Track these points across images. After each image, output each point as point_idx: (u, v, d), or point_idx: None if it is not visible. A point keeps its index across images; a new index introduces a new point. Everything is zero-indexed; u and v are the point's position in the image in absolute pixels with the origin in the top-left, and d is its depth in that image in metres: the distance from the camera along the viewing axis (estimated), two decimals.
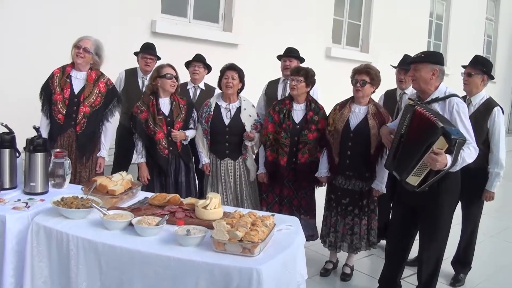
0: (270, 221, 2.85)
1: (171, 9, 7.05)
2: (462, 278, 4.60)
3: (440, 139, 3.22)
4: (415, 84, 3.65)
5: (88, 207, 2.98)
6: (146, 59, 5.24)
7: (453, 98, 3.54)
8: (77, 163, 4.29)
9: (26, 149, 3.38)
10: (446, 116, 3.49)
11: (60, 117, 4.21)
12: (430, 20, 12.48)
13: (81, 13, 5.79)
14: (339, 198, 4.34)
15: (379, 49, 10.07)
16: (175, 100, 4.48)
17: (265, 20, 7.99)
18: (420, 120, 3.40)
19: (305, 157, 4.42)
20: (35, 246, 2.84)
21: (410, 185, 3.45)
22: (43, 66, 4.33)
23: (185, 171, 4.55)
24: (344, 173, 4.27)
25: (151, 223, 2.79)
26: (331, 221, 4.40)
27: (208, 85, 5.37)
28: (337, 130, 4.26)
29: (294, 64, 5.18)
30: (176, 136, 4.40)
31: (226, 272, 2.42)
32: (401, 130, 3.56)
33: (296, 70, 4.48)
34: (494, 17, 15.41)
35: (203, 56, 5.36)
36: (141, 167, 4.43)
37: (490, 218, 7.09)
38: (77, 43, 4.21)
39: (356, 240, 4.35)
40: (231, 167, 4.57)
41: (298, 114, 4.49)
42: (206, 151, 4.60)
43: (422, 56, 3.65)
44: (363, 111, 4.24)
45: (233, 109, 4.58)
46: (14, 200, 3.19)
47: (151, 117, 4.36)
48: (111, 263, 2.64)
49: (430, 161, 3.25)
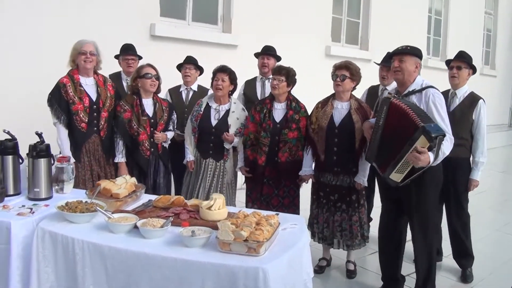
0: (275, 220, 2.85)
1: (170, 12, 7.07)
2: (470, 273, 4.61)
3: (421, 138, 3.29)
4: (399, 75, 3.74)
5: (93, 211, 2.98)
6: (127, 60, 5.21)
7: (429, 89, 3.65)
8: (105, 166, 4.39)
9: (29, 155, 3.38)
10: (422, 107, 3.59)
11: (83, 125, 4.24)
12: (429, 15, 12.50)
13: (80, 18, 5.81)
14: (328, 194, 4.35)
15: (379, 46, 10.05)
16: (157, 101, 4.51)
17: (264, 20, 8.00)
18: (396, 112, 3.50)
19: (285, 156, 4.41)
20: (40, 251, 2.84)
21: (393, 181, 3.53)
22: (45, 73, 4.35)
23: (163, 172, 4.59)
24: (332, 170, 4.29)
25: (156, 225, 2.80)
26: (323, 217, 4.40)
27: (202, 87, 5.37)
28: (321, 127, 4.27)
29: (272, 62, 5.25)
30: (159, 138, 4.45)
31: (232, 272, 2.42)
32: (379, 122, 3.66)
33: (278, 69, 4.46)
34: (493, 11, 15.41)
35: (194, 58, 5.35)
36: (121, 166, 4.46)
37: (494, 212, 7.11)
38: (80, 49, 4.19)
39: (345, 237, 4.35)
40: (212, 167, 4.62)
41: (278, 113, 4.50)
42: (192, 149, 4.69)
43: (409, 48, 3.76)
44: (346, 107, 4.27)
45: (222, 111, 4.61)
46: (19, 206, 3.19)
47: (135, 117, 4.39)
48: (117, 266, 2.65)
49: (414, 159, 3.34)
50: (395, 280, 4.13)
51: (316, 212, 4.48)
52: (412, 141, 3.31)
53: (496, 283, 4.55)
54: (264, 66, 5.29)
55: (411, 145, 3.32)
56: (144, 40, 6.38)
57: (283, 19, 8.31)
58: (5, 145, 3.39)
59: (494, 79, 15.03)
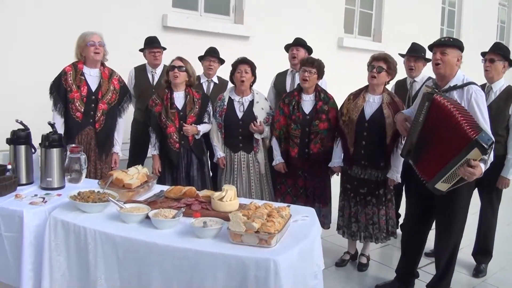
0: (286, 212, 2.85)
1: (182, 3, 7.07)
2: (484, 268, 4.56)
3: (474, 151, 3.13)
4: (440, 69, 3.54)
5: (105, 201, 3.00)
6: (153, 53, 5.23)
7: (472, 86, 3.47)
8: (97, 160, 4.31)
9: (41, 145, 3.41)
10: (463, 104, 3.42)
11: (78, 115, 4.19)
12: (442, 7, 12.38)
13: (93, 10, 5.82)
14: (356, 187, 4.32)
15: (392, 38, 10.00)
16: (189, 93, 4.48)
17: (276, 11, 7.97)
18: (440, 110, 3.33)
19: (317, 147, 4.41)
20: (53, 240, 2.86)
21: (439, 190, 3.39)
22: (57, 64, 4.34)
23: (197, 165, 4.55)
24: (359, 163, 4.25)
25: (168, 216, 2.80)
26: (352, 211, 4.38)
27: (221, 79, 5.37)
28: (351, 120, 4.22)
29: (302, 54, 5.18)
30: (188, 131, 4.40)
31: (244, 263, 2.42)
32: (419, 118, 3.49)
33: (310, 61, 4.43)
34: (507, 2, 15.24)
35: (217, 50, 5.35)
36: (154, 159, 4.51)
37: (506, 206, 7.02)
38: (89, 41, 4.15)
39: (376, 230, 4.33)
40: (244, 160, 4.60)
41: (307, 105, 4.47)
42: (221, 145, 4.63)
43: (451, 40, 3.59)
44: (378, 101, 4.21)
45: (246, 103, 4.60)
46: (31, 195, 3.22)
47: (164, 110, 4.38)
48: (129, 256, 2.66)
49: (468, 174, 3.19)
50: (410, 274, 4.09)
51: (342, 205, 4.46)
52: (465, 154, 3.16)
53: (508, 277, 4.52)
54: (294, 57, 5.21)
55: (462, 157, 3.18)
56: (156, 31, 6.36)
57: (296, 10, 8.27)
58: (18, 135, 3.42)
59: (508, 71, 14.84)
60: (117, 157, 4.49)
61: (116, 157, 4.47)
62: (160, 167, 4.47)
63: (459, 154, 3.18)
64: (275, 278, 2.36)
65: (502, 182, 4.34)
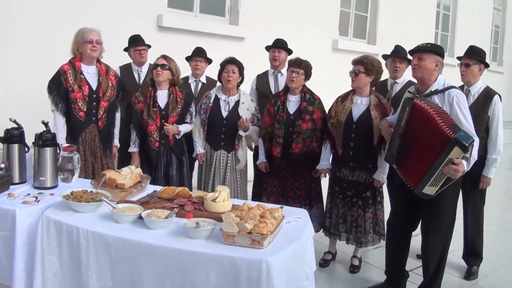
0: (279, 213, 2.86)
1: (177, 3, 7.06)
2: (475, 271, 4.59)
3: (455, 149, 3.20)
4: (417, 73, 3.64)
5: (98, 200, 3.00)
6: (139, 51, 5.21)
7: (453, 90, 3.55)
8: (102, 156, 4.37)
9: (35, 144, 3.40)
10: (445, 108, 3.50)
11: (81, 114, 4.20)
12: (437, 10, 12.42)
13: (87, 9, 5.81)
14: (344, 189, 4.35)
15: (387, 40, 10.00)
16: (173, 93, 4.49)
17: (272, 13, 7.98)
18: (421, 114, 3.41)
19: (299, 147, 4.42)
20: (45, 239, 2.86)
21: (427, 194, 3.43)
22: (51, 63, 4.33)
23: (176, 164, 4.57)
24: (348, 165, 4.28)
25: (161, 216, 2.81)
26: (340, 212, 4.40)
27: (210, 78, 5.36)
28: (339, 122, 4.26)
29: (283, 56, 5.22)
30: (169, 130, 4.42)
31: (236, 264, 2.43)
32: (400, 123, 3.57)
33: (298, 62, 4.44)
34: (502, 6, 15.32)
35: (203, 50, 5.34)
36: (133, 156, 4.52)
37: (498, 209, 7.09)
38: (87, 38, 4.14)
39: (360, 234, 4.35)
40: (224, 158, 4.63)
41: (292, 105, 4.51)
42: (202, 141, 4.68)
43: (429, 46, 3.67)
44: (365, 103, 4.25)
45: (231, 102, 4.62)
46: (24, 194, 3.21)
47: (146, 108, 4.40)
48: (121, 256, 2.66)
49: (452, 172, 3.25)
50: (399, 275, 4.12)
51: (329, 206, 4.48)
52: (446, 154, 3.23)
53: (500, 280, 4.54)
54: (275, 59, 5.25)
55: (445, 158, 3.24)
56: (151, 31, 6.37)
57: (291, 11, 8.28)
58: (11, 133, 3.41)
59: (501, 75, 14.95)
60: (116, 149, 4.55)
61: (115, 150, 4.54)
62: (138, 165, 4.44)
63: (441, 155, 3.25)
64: (267, 279, 2.37)
65: (483, 181, 4.43)
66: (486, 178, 4.42)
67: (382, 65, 4.37)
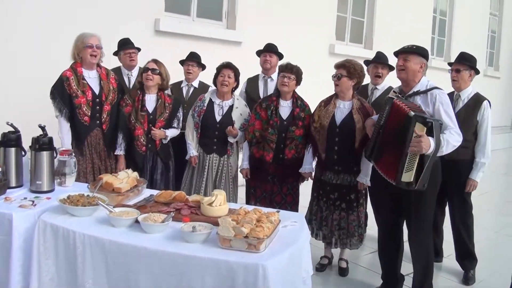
0: (275, 217, 2.86)
1: (174, 8, 7.08)
2: (472, 275, 4.59)
3: (417, 125, 3.32)
4: (402, 74, 3.71)
5: (94, 204, 2.99)
6: (129, 54, 5.21)
7: (435, 90, 3.64)
8: (107, 159, 4.41)
9: (32, 148, 3.40)
10: (429, 108, 3.60)
11: (86, 119, 4.25)
12: (434, 16, 12.47)
13: (85, 14, 5.83)
14: (328, 193, 4.35)
15: (383, 45, 10.03)
16: (161, 98, 4.50)
17: (269, 17, 8.00)
18: (396, 112, 3.53)
19: (291, 153, 4.44)
20: (41, 243, 2.85)
21: (407, 183, 3.47)
22: (48, 66, 4.36)
23: (162, 169, 4.57)
24: (332, 168, 4.29)
25: (157, 220, 2.81)
26: (323, 215, 4.40)
27: (203, 83, 5.35)
28: (322, 126, 4.28)
29: (274, 60, 5.26)
30: (156, 135, 4.43)
31: (232, 268, 2.43)
32: (380, 122, 3.68)
33: (289, 67, 4.45)
34: (498, 12, 15.37)
35: (197, 55, 5.34)
36: (119, 159, 4.51)
37: (494, 213, 7.11)
38: (87, 43, 4.17)
39: (343, 235, 4.36)
40: (216, 162, 4.64)
41: (284, 111, 4.51)
42: (195, 144, 4.67)
43: (414, 48, 3.74)
44: (348, 106, 4.28)
45: (225, 107, 4.63)
46: (21, 198, 3.21)
47: (133, 112, 4.41)
48: (118, 260, 2.66)
49: (416, 145, 3.32)
50: (394, 279, 4.13)
51: (315, 210, 4.48)
52: (409, 131, 3.34)
53: (496, 284, 4.54)
54: (266, 63, 5.28)
55: (409, 136, 3.34)
56: (148, 36, 6.39)
57: (288, 16, 8.31)
58: (8, 137, 3.41)
59: (498, 80, 14.99)
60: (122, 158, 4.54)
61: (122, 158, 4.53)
62: (124, 168, 4.43)
63: (407, 135, 3.35)
64: (263, 283, 2.37)
65: (470, 184, 4.46)
66: (474, 182, 4.45)
67: (364, 69, 4.41)
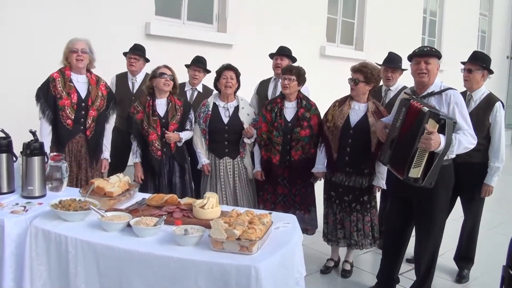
0: (267, 219, 2.86)
1: (165, 11, 7.07)
2: (466, 274, 4.60)
3: (430, 121, 3.29)
4: (425, 78, 3.64)
5: (86, 209, 2.99)
6: (130, 58, 5.23)
7: (450, 91, 3.60)
8: (87, 168, 4.31)
9: (23, 153, 3.38)
10: (444, 108, 3.54)
11: (69, 122, 4.17)
12: (424, 16, 12.51)
13: (75, 17, 5.80)
14: (341, 195, 4.33)
15: (374, 46, 10.09)
16: (171, 101, 4.48)
17: (259, 20, 8.01)
18: (413, 112, 3.46)
19: (298, 154, 4.44)
20: (33, 249, 2.84)
21: (414, 179, 3.43)
22: (39, 71, 4.32)
23: (179, 172, 4.55)
24: (343, 170, 4.28)
25: (149, 224, 2.80)
26: (337, 218, 4.38)
27: (206, 87, 5.36)
28: (336, 126, 4.26)
29: (286, 63, 5.21)
30: (170, 138, 4.40)
31: (225, 270, 2.43)
32: (396, 124, 3.61)
33: (288, 69, 4.49)
34: (488, 12, 15.45)
35: (203, 59, 5.34)
36: (136, 167, 4.49)
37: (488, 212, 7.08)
38: (72, 48, 4.15)
39: (360, 237, 4.35)
40: (230, 166, 4.59)
41: (289, 112, 4.51)
42: (205, 151, 4.61)
43: (434, 51, 3.71)
44: (363, 109, 4.26)
45: (231, 108, 4.60)
46: (12, 204, 3.19)
47: (146, 118, 4.39)
48: (110, 264, 2.65)
49: (425, 141, 3.29)
50: (390, 279, 4.13)
51: (326, 212, 4.48)
52: (420, 126, 3.31)
53: (489, 282, 4.55)
54: (278, 67, 5.23)
55: (420, 131, 3.31)
56: (139, 39, 6.36)
57: (278, 18, 8.31)
58: None
59: (488, 80, 14.96)
60: (107, 162, 4.48)
61: (106, 163, 4.47)
62: (142, 175, 4.46)
63: (418, 131, 3.34)
64: (256, 285, 2.38)
65: (485, 190, 4.36)
66: (489, 187, 4.34)
67: (381, 73, 4.38)
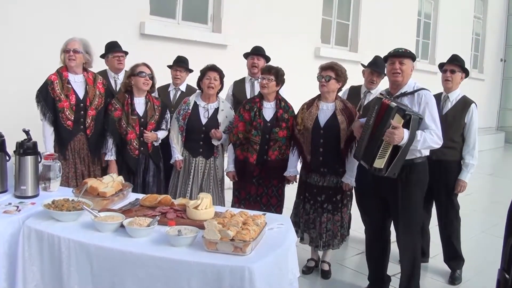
0: (261, 220, 2.86)
1: (159, 11, 7.06)
2: (459, 275, 4.63)
3: (396, 117, 3.43)
4: (399, 77, 3.76)
5: (79, 209, 2.97)
6: (118, 57, 5.18)
7: (422, 91, 3.72)
8: (90, 164, 4.36)
9: (16, 153, 3.37)
10: (415, 108, 3.66)
11: (69, 123, 4.20)
12: (418, 18, 12.56)
13: (70, 17, 5.79)
14: (314, 195, 4.35)
15: (368, 48, 10.10)
16: (150, 100, 4.49)
17: (254, 20, 8.01)
18: (383, 109, 3.59)
19: (275, 154, 4.44)
20: (26, 249, 2.83)
21: (378, 169, 3.56)
22: (33, 71, 4.33)
23: (153, 171, 4.56)
24: (318, 170, 4.30)
25: (143, 224, 2.79)
26: (309, 217, 4.40)
27: (190, 87, 5.32)
28: (306, 128, 4.29)
29: (261, 63, 5.25)
30: (148, 138, 4.42)
31: (218, 271, 2.43)
32: (370, 121, 3.72)
33: (267, 68, 4.48)
34: (482, 15, 15.53)
35: (185, 59, 5.32)
36: (111, 164, 4.44)
37: (481, 214, 7.16)
38: (65, 47, 4.17)
39: (329, 237, 4.36)
40: (202, 165, 4.61)
41: (268, 112, 4.51)
42: (180, 148, 4.64)
43: (408, 52, 3.84)
44: (331, 108, 4.29)
45: (211, 109, 4.61)
46: (5, 204, 3.17)
47: (124, 116, 4.38)
48: (103, 265, 2.64)
49: (389, 135, 3.43)
50: (381, 280, 4.16)
51: (301, 212, 4.48)
52: (387, 120, 3.44)
53: (482, 284, 4.58)
54: (254, 66, 5.29)
55: (385, 124, 3.44)
56: (134, 39, 6.36)
57: (273, 19, 8.32)
58: None
59: (482, 82, 15.14)
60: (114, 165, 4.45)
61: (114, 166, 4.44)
62: (116, 173, 4.42)
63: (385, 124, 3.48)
64: (250, 286, 2.38)
65: (460, 185, 4.53)
66: (463, 182, 4.51)
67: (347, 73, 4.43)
